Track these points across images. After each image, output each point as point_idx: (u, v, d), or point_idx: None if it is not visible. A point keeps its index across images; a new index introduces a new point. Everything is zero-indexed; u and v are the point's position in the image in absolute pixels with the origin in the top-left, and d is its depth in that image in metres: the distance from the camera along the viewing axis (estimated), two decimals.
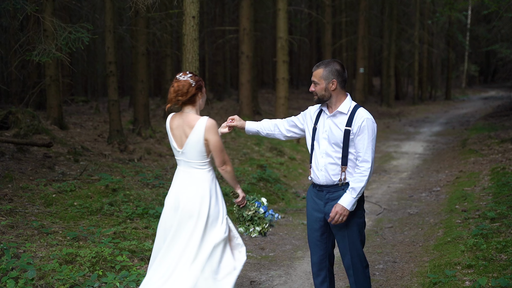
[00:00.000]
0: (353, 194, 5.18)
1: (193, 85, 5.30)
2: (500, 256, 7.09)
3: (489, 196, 10.70)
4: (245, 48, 20.88)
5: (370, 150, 5.18)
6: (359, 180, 5.18)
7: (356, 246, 5.38)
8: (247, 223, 5.68)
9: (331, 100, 5.33)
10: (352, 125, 5.21)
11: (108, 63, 14.32)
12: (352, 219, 5.33)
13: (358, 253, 5.40)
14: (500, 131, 20.18)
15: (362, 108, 5.30)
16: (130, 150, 13.94)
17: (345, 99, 5.34)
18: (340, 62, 5.34)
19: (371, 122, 5.21)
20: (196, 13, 11.52)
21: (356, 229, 5.36)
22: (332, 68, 5.25)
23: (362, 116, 5.20)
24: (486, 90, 52.62)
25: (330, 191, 5.39)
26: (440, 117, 30.61)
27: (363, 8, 28.93)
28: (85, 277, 6.58)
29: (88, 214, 8.68)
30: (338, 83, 5.26)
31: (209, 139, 5.25)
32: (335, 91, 5.29)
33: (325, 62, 5.33)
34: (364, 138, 5.18)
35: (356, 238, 5.37)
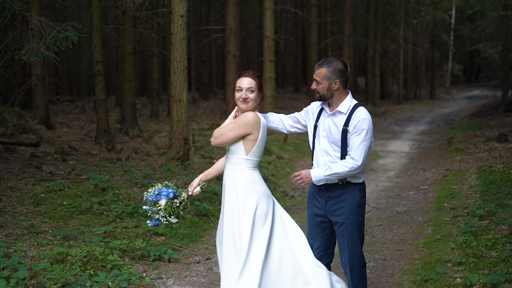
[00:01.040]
0: (326, 172, 5.21)
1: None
2: (490, 253, 7.14)
3: (477, 194, 10.77)
4: (231, 47, 20.87)
5: (361, 150, 5.17)
6: (339, 167, 5.19)
7: (355, 244, 5.39)
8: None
9: (333, 99, 5.34)
10: (349, 124, 5.23)
11: (95, 62, 14.26)
12: (353, 217, 5.34)
13: (357, 251, 5.41)
14: (485, 130, 20.31)
15: (361, 108, 5.29)
16: (117, 150, 13.90)
17: (345, 97, 5.34)
18: (343, 61, 5.32)
19: (368, 122, 5.19)
20: (184, 12, 11.53)
21: (356, 227, 5.37)
22: (335, 67, 5.24)
23: (359, 116, 5.20)
24: (470, 89, 52.96)
25: (331, 189, 5.40)
26: (425, 116, 30.75)
27: (348, 8, 28.98)
28: (76, 277, 6.56)
29: (78, 214, 8.65)
30: (340, 83, 5.26)
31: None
32: (337, 91, 5.29)
33: (328, 60, 5.30)
34: (357, 137, 5.18)
35: (356, 236, 5.37)
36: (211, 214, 9.96)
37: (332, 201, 5.39)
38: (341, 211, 5.36)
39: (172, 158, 11.70)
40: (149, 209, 5.48)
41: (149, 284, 6.91)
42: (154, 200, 5.42)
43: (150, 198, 5.44)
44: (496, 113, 26.00)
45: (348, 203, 5.34)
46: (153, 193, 5.43)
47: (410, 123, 27.46)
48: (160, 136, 16.93)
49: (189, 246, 8.52)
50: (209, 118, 22.59)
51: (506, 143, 15.76)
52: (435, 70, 43.66)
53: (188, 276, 7.37)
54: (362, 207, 5.41)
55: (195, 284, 7.11)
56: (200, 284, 7.13)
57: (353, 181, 5.34)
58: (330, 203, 5.40)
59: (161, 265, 7.59)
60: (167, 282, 7.11)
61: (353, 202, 5.34)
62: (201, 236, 9.05)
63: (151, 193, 5.45)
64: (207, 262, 7.98)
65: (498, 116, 24.91)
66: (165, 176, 10.93)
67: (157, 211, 5.44)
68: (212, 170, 5.67)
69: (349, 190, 5.35)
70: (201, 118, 22.18)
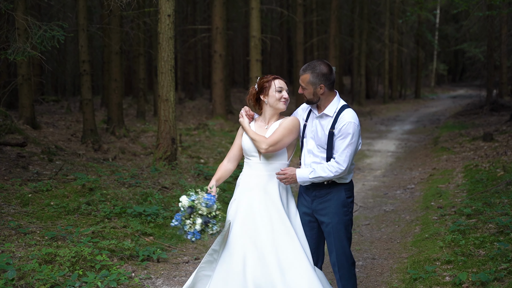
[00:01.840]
0: (311, 175, 5.23)
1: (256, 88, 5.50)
2: (479, 252, 7.18)
3: (464, 193, 10.82)
4: (218, 47, 20.85)
5: (345, 154, 5.16)
6: (324, 170, 5.20)
7: (342, 243, 5.39)
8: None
9: (320, 102, 5.34)
10: (335, 127, 5.22)
11: (81, 62, 14.19)
12: (338, 217, 5.34)
13: (344, 251, 5.41)
14: (471, 129, 20.42)
15: (347, 110, 5.27)
16: (104, 150, 13.84)
17: (332, 99, 5.33)
18: (327, 63, 5.30)
19: (353, 126, 5.17)
20: (171, 11, 11.51)
21: (342, 227, 5.36)
22: (318, 72, 5.22)
23: (344, 119, 5.19)
24: (454, 89, 53.30)
25: (317, 188, 5.41)
26: (410, 116, 30.87)
27: (334, 7, 29.04)
28: (65, 277, 6.53)
29: (65, 214, 8.61)
30: (326, 87, 5.25)
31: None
32: (324, 95, 5.29)
33: (311, 65, 5.27)
34: (342, 141, 5.18)
35: (342, 235, 5.37)
36: None
37: (318, 200, 5.40)
38: (326, 210, 5.36)
39: (160, 158, 11.67)
40: (185, 221, 5.11)
41: (138, 284, 6.89)
42: (207, 207, 5.05)
43: (202, 205, 5.03)
44: (481, 112, 26.15)
45: (334, 203, 5.34)
46: (203, 202, 5.04)
47: (395, 123, 27.56)
48: (147, 136, 16.88)
49: (178, 246, 8.50)
50: (195, 118, 22.55)
51: (491, 142, 15.84)
52: (420, 69, 43.87)
53: (178, 276, 7.35)
54: (348, 207, 5.40)
55: (184, 284, 7.09)
56: None
57: (338, 181, 5.34)
58: (316, 202, 5.41)
59: (150, 265, 7.56)
60: (156, 282, 7.09)
61: (338, 202, 5.34)
62: None
63: (201, 202, 5.04)
64: (196, 262, 7.96)
65: (483, 115, 25.06)
66: (153, 176, 10.90)
67: (205, 221, 5.08)
68: (222, 175, 5.58)
69: (334, 190, 5.35)
70: (188, 118, 22.14)
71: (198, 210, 5.03)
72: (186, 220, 5.06)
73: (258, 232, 5.20)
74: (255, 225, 5.24)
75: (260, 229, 5.21)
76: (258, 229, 5.21)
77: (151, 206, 9.23)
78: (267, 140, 5.26)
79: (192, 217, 5.05)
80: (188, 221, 5.05)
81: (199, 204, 5.01)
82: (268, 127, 5.43)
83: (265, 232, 5.19)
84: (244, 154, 5.51)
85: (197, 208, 5.02)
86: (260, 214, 5.26)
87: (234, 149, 5.58)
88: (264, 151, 5.26)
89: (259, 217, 5.26)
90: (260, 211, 5.27)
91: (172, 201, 9.90)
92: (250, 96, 5.52)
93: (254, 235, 5.21)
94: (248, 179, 5.42)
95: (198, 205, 5.01)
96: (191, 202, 5.02)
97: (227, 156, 5.61)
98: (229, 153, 5.62)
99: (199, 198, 5.03)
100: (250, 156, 5.42)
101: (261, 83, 5.42)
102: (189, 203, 5.02)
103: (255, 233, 5.21)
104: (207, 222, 5.05)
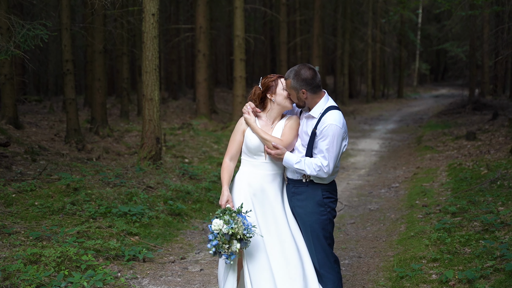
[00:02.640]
0: (296, 165, 5.25)
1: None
2: (464, 250, 7.21)
3: (448, 191, 10.88)
4: (201, 47, 20.80)
5: (328, 155, 5.18)
6: (309, 167, 5.21)
7: (321, 242, 5.38)
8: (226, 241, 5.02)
9: (306, 104, 5.38)
10: (317, 128, 5.24)
11: (65, 61, 14.09)
12: (315, 216, 5.35)
13: (324, 248, 5.41)
14: (454, 128, 20.54)
15: (331, 112, 5.27)
16: (88, 149, 13.75)
17: (319, 101, 5.35)
18: (309, 68, 5.29)
19: (334, 128, 5.18)
20: (156, 10, 11.47)
21: (319, 226, 5.36)
22: (299, 78, 5.23)
23: (326, 121, 5.20)
24: (436, 88, 53.55)
25: (295, 185, 5.43)
26: (393, 115, 30.98)
27: (318, 7, 29.05)
28: (50, 277, 6.48)
29: (50, 214, 8.54)
30: (308, 91, 5.26)
31: None
32: (308, 98, 5.31)
33: (293, 71, 5.29)
34: (324, 142, 5.20)
35: (320, 234, 5.37)
36: (185, 213, 9.91)
37: (295, 197, 5.43)
38: (302, 209, 5.39)
39: (144, 158, 11.62)
40: (222, 244, 4.99)
41: (125, 284, 6.85)
42: (247, 231, 4.96)
43: (244, 232, 4.94)
44: (463, 111, 26.32)
45: (309, 202, 5.36)
46: (243, 229, 4.95)
47: (379, 122, 27.65)
48: (130, 136, 16.81)
49: (163, 245, 8.47)
50: (179, 117, 22.50)
51: (474, 141, 15.94)
52: (402, 69, 44.03)
53: (164, 276, 7.32)
54: (325, 207, 5.39)
55: (170, 284, 7.07)
56: (176, 284, 7.09)
57: (316, 181, 5.36)
58: (294, 199, 5.44)
59: (136, 265, 7.53)
60: (143, 282, 7.06)
61: (314, 201, 5.35)
62: (175, 236, 9.00)
63: (239, 227, 4.94)
64: (182, 261, 7.94)
65: (465, 114, 25.22)
66: (138, 176, 10.85)
67: (243, 243, 5.02)
68: (230, 176, 5.49)
69: (311, 189, 5.37)
70: (171, 118, 22.08)
71: (237, 235, 4.95)
72: (224, 245, 4.98)
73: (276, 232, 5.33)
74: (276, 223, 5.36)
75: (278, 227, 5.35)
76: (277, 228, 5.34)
77: (136, 205, 9.19)
78: (280, 142, 5.29)
79: (230, 242, 4.98)
80: (226, 245, 4.98)
81: (239, 230, 4.93)
82: (273, 126, 5.44)
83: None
84: (246, 152, 5.44)
85: (237, 234, 4.95)
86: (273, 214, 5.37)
87: (236, 146, 5.46)
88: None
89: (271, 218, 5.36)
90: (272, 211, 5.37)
91: (157, 200, 9.86)
92: (253, 96, 5.49)
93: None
94: (253, 179, 5.39)
95: (239, 232, 4.94)
96: (231, 229, 4.92)
97: (229, 155, 5.46)
98: (231, 150, 5.47)
99: (237, 224, 4.94)
100: (255, 155, 5.39)
101: (266, 82, 5.43)
102: (229, 230, 4.92)
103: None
104: (246, 243, 5.03)
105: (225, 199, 5.31)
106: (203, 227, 9.57)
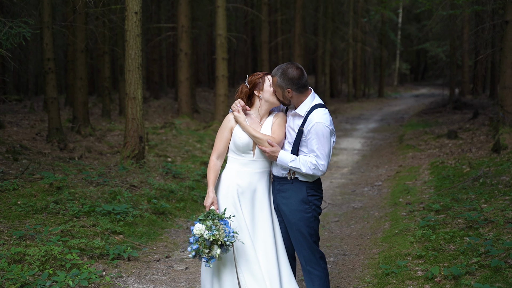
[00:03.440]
0: (291, 163, 5.24)
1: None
2: (449, 246, 7.25)
3: (431, 189, 10.94)
4: (183, 46, 20.73)
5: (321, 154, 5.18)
6: (304, 166, 5.21)
7: (306, 239, 5.39)
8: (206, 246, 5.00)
9: (292, 102, 5.39)
10: (305, 126, 5.25)
11: (46, 60, 13.96)
12: (299, 214, 5.35)
13: (309, 245, 5.42)
14: (435, 127, 20.69)
15: (317, 110, 5.28)
16: (70, 149, 13.65)
17: (305, 99, 5.35)
18: (296, 67, 5.28)
19: (321, 126, 5.18)
20: (139, 8, 11.44)
21: (303, 224, 5.36)
22: (285, 77, 5.23)
23: (312, 120, 5.21)
24: (417, 88, 53.85)
25: (280, 183, 5.44)
26: (374, 114, 31.09)
27: (299, 6, 29.08)
28: (35, 276, 6.44)
29: (33, 213, 8.47)
30: (293, 91, 5.27)
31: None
32: (293, 97, 5.32)
33: (280, 69, 5.29)
34: (313, 142, 5.20)
35: (305, 231, 5.37)
36: (169, 212, 9.88)
37: (280, 195, 5.43)
38: (287, 207, 5.39)
39: (127, 157, 11.56)
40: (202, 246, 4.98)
41: (110, 283, 6.82)
42: (228, 238, 4.96)
43: (225, 239, 4.94)
44: (444, 110, 26.54)
45: (294, 200, 5.36)
46: (226, 236, 4.94)
47: (360, 121, 27.74)
48: (113, 135, 16.71)
49: (148, 244, 8.44)
50: (161, 116, 22.41)
51: (456, 140, 16.06)
52: (383, 69, 44.21)
53: (149, 274, 7.29)
54: (310, 204, 5.39)
55: (156, 282, 7.04)
56: (161, 282, 7.07)
57: (301, 178, 5.36)
58: (279, 196, 5.45)
59: (120, 263, 7.50)
60: (128, 281, 7.02)
61: (298, 199, 5.35)
62: (159, 234, 8.97)
63: (221, 234, 4.92)
64: (167, 260, 7.92)
65: (446, 113, 25.43)
66: (121, 175, 10.79)
67: (224, 248, 5.02)
68: (217, 176, 5.44)
69: (295, 187, 5.37)
70: (153, 117, 21.99)
71: (218, 242, 4.95)
72: (205, 250, 4.96)
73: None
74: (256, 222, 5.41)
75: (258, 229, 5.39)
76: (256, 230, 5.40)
77: (120, 204, 9.14)
78: (275, 139, 5.30)
79: (211, 247, 4.98)
80: (207, 250, 4.97)
81: (220, 237, 4.92)
82: (262, 123, 5.44)
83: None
84: (234, 150, 5.41)
85: (218, 240, 4.94)
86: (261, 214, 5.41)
87: (223, 144, 5.42)
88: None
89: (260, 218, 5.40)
90: (258, 210, 5.40)
91: (141, 199, 9.82)
92: (240, 94, 5.47)
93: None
94: (242, 178, 5.37)
95: (220, 239, 4.92)
96: (212, 236, 4.90)
97: (216, 153, 5.42)
98: (218, 148, 5.43)
99: (219, 232, 4.92)
100: (244, 153, 5.36)
101: (253, 79, 5.42)
102: (210, 236, 4.90)
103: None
104: (226, 249, 5.03)
105: (210, 201, 5.29)
106: (187, 226, 9.55)
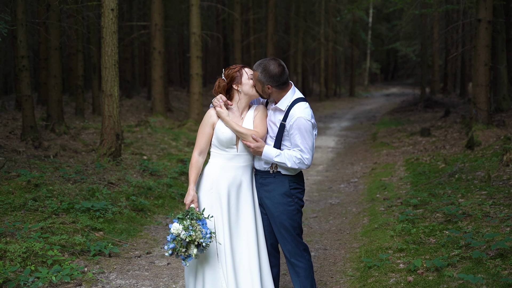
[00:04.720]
0: (276, 158, 5.25)
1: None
2: (429, 240, 7.34)
3: (407, 185, 11.06)
4: (157, 44, 20.65)
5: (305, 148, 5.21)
6: (289, 160, 5.23)
7: (289, 232, 5.42)
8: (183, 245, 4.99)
9: (272, 97, 5.41)
10: (286, 121, 5.27)
11: (20, 57, 13.79)
12: (282, 207, 5.38)
13: (293, 238, 5.45)
14: (407, 125, 20.90)
15: (298, 105, 5.30)
16: (45, 147, 13.52)
17: (285, 94, 5.36)
18: (278, 64, 5.27)
19: (303, 121, 5.20)
20: (115, 5, 11.37)
21: (286, 217, 5.38)
22: (266, 73, 5.23)
23: (294, 115, 5.23)
24: (387, 87, 54.29)
25: (263, 176, 5.45)
26: (346, 113, 31.27)
27: (272, 5, 29.15)
28: (17, 273, 6.41)
29: (12, 210, 8.39)
30: (273, 87, 5.27)
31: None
32: (273, 93, 5.33)
33: (262, 64, 5.28)
34: (296, 137, 5.23)
35: (287, 224, 5.40)
36: (148, 209, 9.86)
37: (263, 188, 5.46)
38: (270, 200, 5.41)
39: (104, 154, 11.49)
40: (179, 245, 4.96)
41: (92, 279, 6.80)
42: (204, 240, 4.94)
43: (201, 241, 4.93)
44: (415, 109, 26.85)
45: (276, 193, 5.39)
46: (202, 238, 4.93)
47: (333, 120, 27.87)
48: (87, 133, 16.59)
49: (128, 240, 8.41)
50: (134, 115, 22.30)
51: (429, 137, 16.25)
52: (354, 68, 44.50)
53: (131, 270, 7.28)
54: (293, 197, 5.42)
55: (139, 278, 7.03)
56: (144, 278, 7.06)
57: (283, 172, 5.39)
58: (262, 190, 5.47)
59: (102, 259, 7.47)
60: (110, 277, 7.00)
61: (281, 192, 5.38)
62: (139, 231, 8.94)
63: (197, 235, 4.91)
64: (148, 256, 7.90)
65: (417, 112, 25.71)
66: (98, 172, 10.73)
67: (201, 249, 5.00)
68: (198, 173, 5.41)
69: (278, 181, 5.40)
70: (127, 116, 21.86)
71: (195, 242, 4.94)
72: (181, 249, 4.95)
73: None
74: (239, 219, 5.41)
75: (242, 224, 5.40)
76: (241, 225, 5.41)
77: (99, 201, 9.09)
78: (259, 134, 5.30)
79: (188, 247, 4.97)
80: (183, 249, 4.95)
81: (197, 238, 4.91)
82: (243, 117, 5.41)
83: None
84: (217, 145, 5.37)
85: (194, 241, 4.93)
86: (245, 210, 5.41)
87: (205, 140, 5.37)
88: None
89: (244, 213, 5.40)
90: (243, 205, 5.40)
91: (119, 196, 9.77)
92: (218, 89, 5.42)
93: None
94: (227, 172, 5.34)
95: (197, 239, 4.91)
96: (189, 237, 4.89)
97: (198, 149, 5.37)
98: (200, 144, 5.38)
99: (196, 233, 4.90)
100: (227, 148, 5.33)
101: (230, 73, 5.37)
102: (187, 237, 4.89)
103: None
104: (202, 250, 5.02)
105: (190, 199, 5.27)
106: (167, 223, 9.53)
